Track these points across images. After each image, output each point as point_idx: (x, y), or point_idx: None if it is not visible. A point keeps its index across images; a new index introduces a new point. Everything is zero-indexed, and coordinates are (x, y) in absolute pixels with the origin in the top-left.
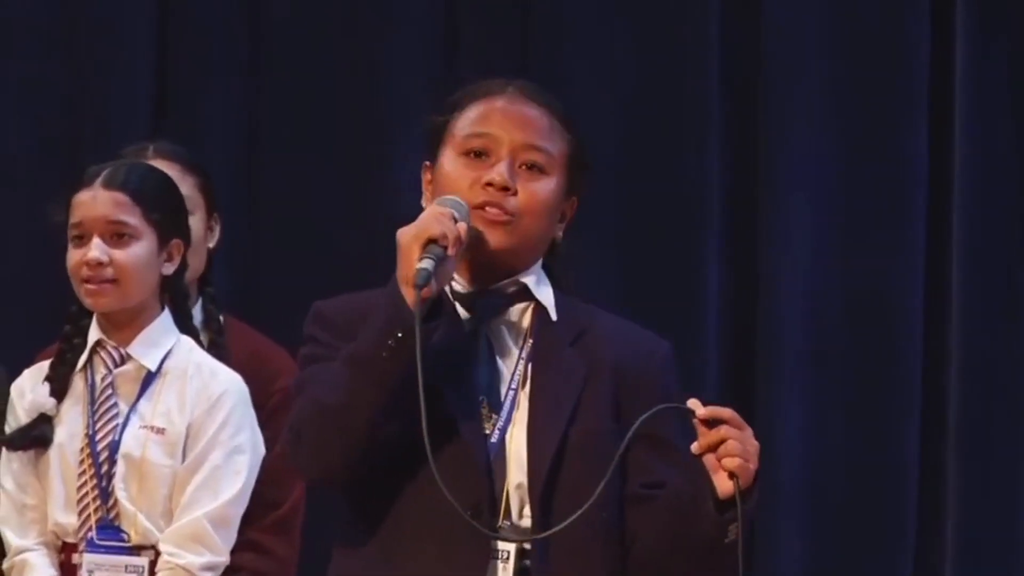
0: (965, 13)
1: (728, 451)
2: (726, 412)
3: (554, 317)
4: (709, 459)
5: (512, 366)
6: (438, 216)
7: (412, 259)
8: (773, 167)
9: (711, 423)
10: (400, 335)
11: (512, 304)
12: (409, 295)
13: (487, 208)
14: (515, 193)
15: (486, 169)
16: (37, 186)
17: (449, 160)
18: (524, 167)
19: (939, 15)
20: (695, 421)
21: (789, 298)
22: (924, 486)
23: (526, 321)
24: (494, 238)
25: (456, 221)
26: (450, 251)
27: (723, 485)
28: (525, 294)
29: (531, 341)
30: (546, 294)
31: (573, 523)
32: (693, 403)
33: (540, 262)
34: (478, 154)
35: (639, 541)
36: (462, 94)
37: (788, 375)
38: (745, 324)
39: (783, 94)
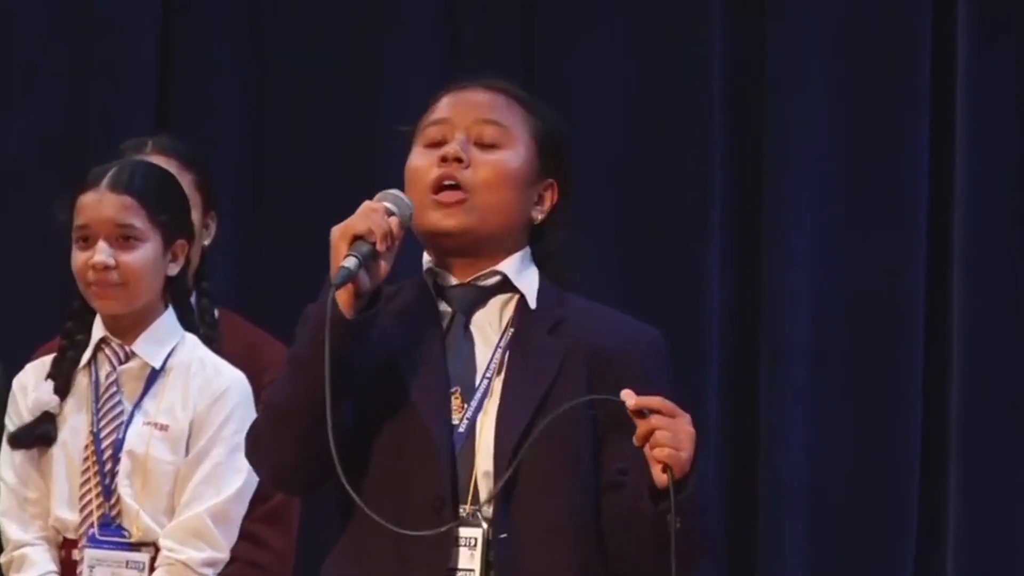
0: (967, 13)
1: (657, 442)
2: (654, 401)
3: (533, 306)
4: (646, 450)
5: (489, 355)
6: (367, 212)
7: (339, 257)
8: (775, 167)
9: (644, 414)
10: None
11: (493, 295)
12: (338, 293)
13: (442, 193)
14: (468, 165)
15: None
16: (41, 184)
17: (412, 155)
18: (479, 144)
19: (941, 15)
20: (630, 413)
21: (791, 299)
22: (925, 486)
23: (508, 312)
24: (453, 220)
25: (391, 215)
26: (379, 246)
27: (659, 476)
28: (507, 285)
29: (512, 331)
30: (527, 282)
31: (541, 510)
32: (625, 394)
33: (526, 250)
34: (437, 143)
35: (616, 535)
36: (429, 103)
37: (790, 376)
38: (747, 325)
39: (785, 94)
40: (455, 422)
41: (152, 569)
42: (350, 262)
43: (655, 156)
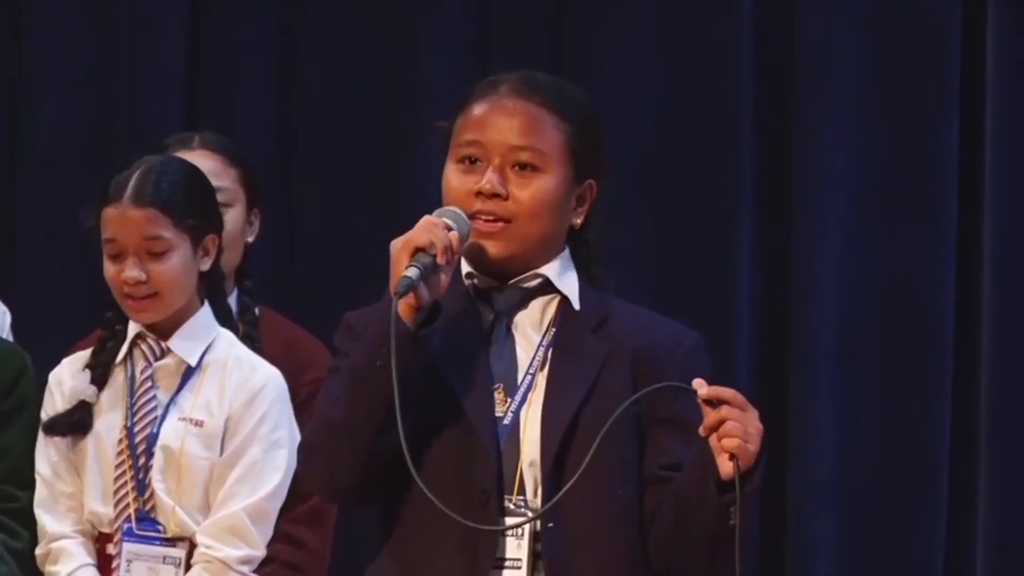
0: (997, 8)
1: (726, 432)
2: (727, 392)
3: (576, 307)
4: (712, 440)
5: (531, 353)
6: (428, 225)
7: (399, 269)
8: (805, 165)
9: (715, 404)
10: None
11: (534, 297)
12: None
13: (481, 218)
14: (507, 198)
15: (479, 176)
16: (70, 181)
17: (448, 169)
18: (516, 169)
19: (971, 11)
20: (700, 402)
21: (821, 296)
22: (955, 484)
23: (550, 313)
24: (492, 248)
25: (450, 230)
26: (440, 260)
27: (725, 467)
28: (548, 287)
29: (554, 330)
30: (570, 284)
31: (587, 503)
32: (697, 383)
33: (566, 252)
34: (472, 161)
35: (655, 526)
36: (461, 97)
37: (820, 373)
38: (777, 322)
39: (815, 92)
40: (499, 414)
41: (188, 565)
42: (411, 272)
43: (687, 154)
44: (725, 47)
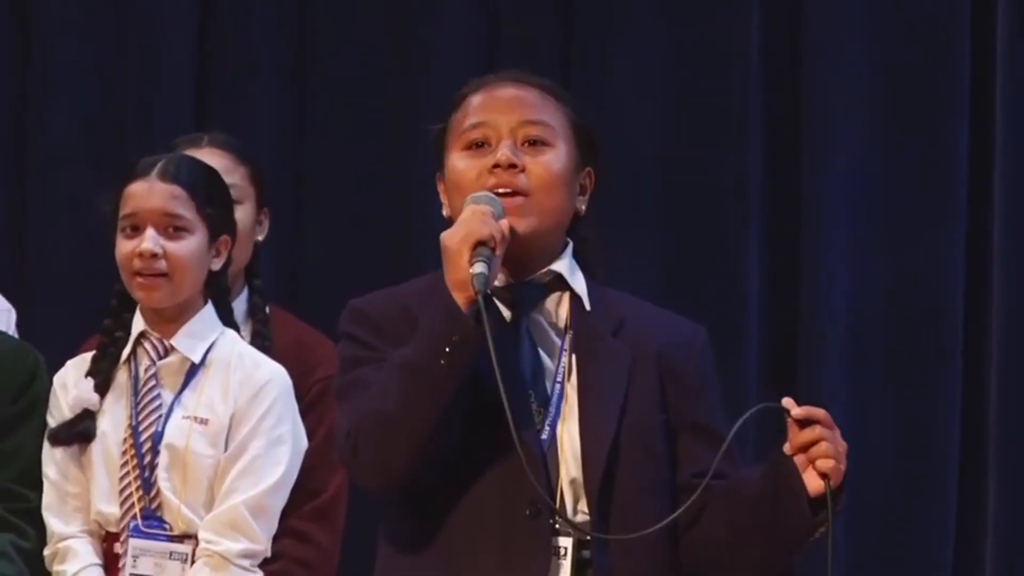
0: (1006, 7)
1: (822, 452)
2: (820, 412)
3: (588, 306)
4: (799, 458)
5: (556, 359)
6: (481, 217)
7: (462, 263)
8: (814, 162)
9: (804, 423)
10: (456, 339)
11: (548, 294)
12: (462, 299)
13: (498, 192)
14: (523, 170)
15: (490, 156)
16: (80, 179)
17: (454, 159)
18: (527, 144)
19: (979, 10)
20: (788, 420)
21: (830, 294)
22: (964, 484)
23: (563, 311)
24: (519, 225)
25: (496, 219)
26: (497, 251)
27: (813, 484)
28: (559, 283)
29: (571, 332)
30: (579, 283)
31: (629, 515)
32: (788, 402)
33: (570, 249)
34: (479, 144)
35: (697, 529)
36: (454, 97)
37: (828, 374)
38: (785, 323)
39: (824, 89)
40: (537, 428)
41: (194, 562)
42: (481, 267)
43: (696, 151)
44: (732, 47)
